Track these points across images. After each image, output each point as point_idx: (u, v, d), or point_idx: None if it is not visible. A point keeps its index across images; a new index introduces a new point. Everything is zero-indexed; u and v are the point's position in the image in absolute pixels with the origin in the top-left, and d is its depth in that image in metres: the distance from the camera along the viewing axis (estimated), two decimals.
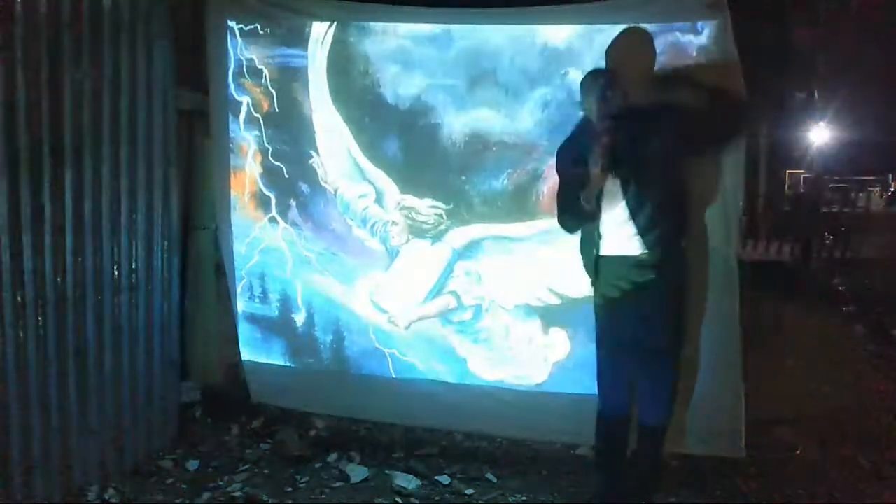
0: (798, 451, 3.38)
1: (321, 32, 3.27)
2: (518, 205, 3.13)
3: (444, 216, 3.22)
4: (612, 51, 2.62)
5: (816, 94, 13.55)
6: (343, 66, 3.25)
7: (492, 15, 3.18)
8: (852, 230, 10.03)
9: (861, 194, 15.75)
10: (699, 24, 2.88)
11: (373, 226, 3.31)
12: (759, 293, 5.03)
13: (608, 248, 2.54)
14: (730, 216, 2.92)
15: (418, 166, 3.25)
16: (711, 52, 2.87)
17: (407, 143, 3.23)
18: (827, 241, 9.76)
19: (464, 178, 3.17)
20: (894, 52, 11.31)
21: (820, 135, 14.74)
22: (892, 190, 23.43)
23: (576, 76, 2.89)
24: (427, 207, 3.24)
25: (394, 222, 3.28)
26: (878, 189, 21.61)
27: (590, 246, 2.58)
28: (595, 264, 2.57)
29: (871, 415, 3.96)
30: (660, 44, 2.80)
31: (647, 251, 2.48)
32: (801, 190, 16.87)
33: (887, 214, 17.03)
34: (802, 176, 17.26)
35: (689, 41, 2.90)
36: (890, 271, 8.18)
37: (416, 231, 3.26)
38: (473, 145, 3.15)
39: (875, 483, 3.09)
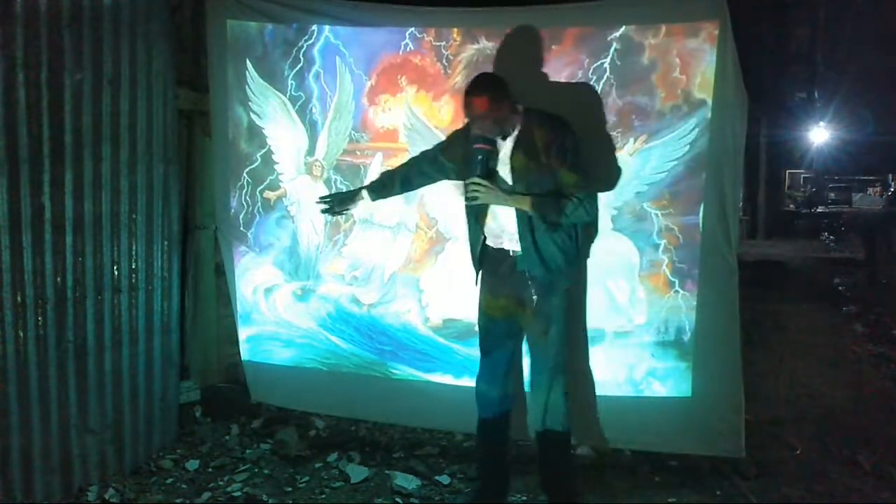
0: (798, 451, 3.38)
1: None
2: None
3: None
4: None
5: None
6: None
7: (492, 16, 3.18)
8: None
9: None
10: (698, 24, 2.88)
11: None
12: None
13: None
14: (728, 216, 2.92)
15: None
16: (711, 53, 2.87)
17: None
18: None
19: None
20: None
21: None
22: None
23: None
24: None
25: None
26: None
27: None
28: None
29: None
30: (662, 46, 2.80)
31: None
32: None
33: None
34: None
35: (688, 42, 2.91)
36: None
37: None
38: None
39: (875, 483, 3.09)
